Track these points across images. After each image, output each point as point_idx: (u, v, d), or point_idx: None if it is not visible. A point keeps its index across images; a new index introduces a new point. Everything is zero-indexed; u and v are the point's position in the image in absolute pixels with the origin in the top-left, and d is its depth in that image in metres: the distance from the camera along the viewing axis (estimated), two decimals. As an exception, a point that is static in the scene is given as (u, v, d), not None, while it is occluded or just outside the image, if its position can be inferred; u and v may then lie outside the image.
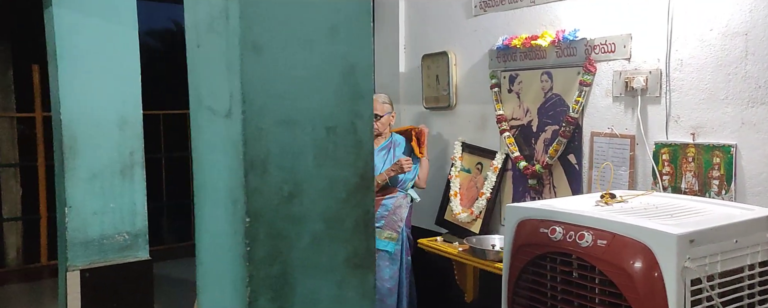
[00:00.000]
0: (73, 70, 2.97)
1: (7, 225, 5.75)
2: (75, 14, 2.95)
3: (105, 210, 3.11)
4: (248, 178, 1.22)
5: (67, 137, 2.99)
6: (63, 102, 2.97)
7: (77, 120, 3.00)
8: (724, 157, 2.33)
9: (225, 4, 1.23)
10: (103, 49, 3.03)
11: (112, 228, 3.13)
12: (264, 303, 1.25)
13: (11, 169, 5.75)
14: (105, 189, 3.10)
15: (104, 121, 3.07)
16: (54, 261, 5.88)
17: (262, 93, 1.22)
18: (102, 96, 3.05)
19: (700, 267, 1.76)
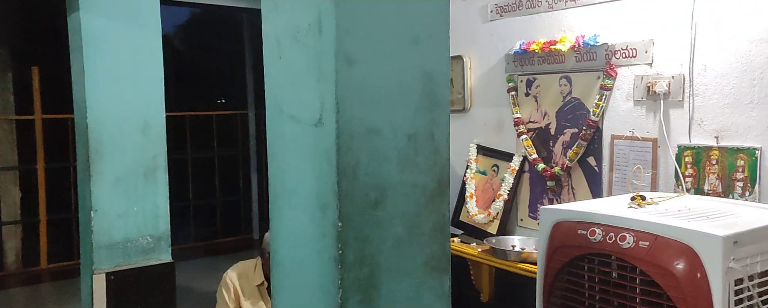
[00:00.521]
0: (99, 74, 2.98)
1: (7, 228, 5.69)
2: (102, 20, 2.96)
3: (129, 213, 3.12)
4: (341, 184, 1.26)
5: (93, 141, 2.99)
6: (89, 106, 2.97)
7: (103, 124, 3.01)
8: (748, 160, 2.43)
9: (317, 18, 1.27)
10: (128, 54, 3.04)
11: (135, 231, 3.14)
12: (353, 305, 1.30)
13: (10, 172, 5.70)
14: (129, 192, 3.11)
15: (129, 125, 3.08)
16: (54, 265, 5.84)
17: (353, 103, 1.27)
18: (127, 100, 3.06)
19: (743, 267, 1.84)
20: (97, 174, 3.02)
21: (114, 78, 3.02)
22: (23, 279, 5.64)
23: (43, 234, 5.80)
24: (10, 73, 5.61)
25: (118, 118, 3.05)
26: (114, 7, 3.00)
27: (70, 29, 3.06)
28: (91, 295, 3.05)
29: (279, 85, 1.44)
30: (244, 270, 3.17)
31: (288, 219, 1.45)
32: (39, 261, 5.81)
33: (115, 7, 3.00)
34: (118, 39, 3.02)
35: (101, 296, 3.06)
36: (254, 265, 3.18)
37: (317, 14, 1.27)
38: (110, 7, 2.99)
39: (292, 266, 1.44)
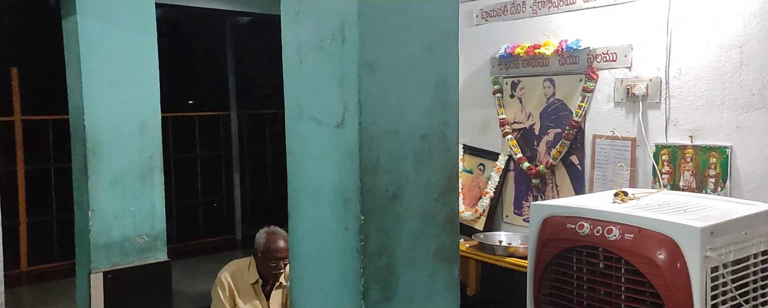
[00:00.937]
0: (96, 77, 3.02)
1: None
2: (98, 23, 3.00)
3: (126, 213, 3.17)
4: (363, 181, 1.37)
5: (91, 143, 3.03)
6: (87, 108, 3.01)
7: (100, 126, 3.05)
8: (720, 158, 2.61)
9: (340, 28, 1.38)
10: (124, 57, 3.09)
11: (132, 231, 3.19)
12: (374, 293, 1.41)
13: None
14: (126, 192, 3.16)
15: (126, 127, 3.13)
16: (34, 267, 5.80)
17: (374, 106, 1.38)
18: (124, 102, 3.11)
19: (719, 256, 2.01)
20: (95, 174, 3.07)
21: (111, 80, 3.06)
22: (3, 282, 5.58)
23: (24, 237, 5.75)
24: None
25: (115, 119, 3.10)
26: (110, 10, 3.04)
27: (66, 32, 3.10)
28: (89, 294, 3.09)
29: (299, 89, 1.54)
30: (238, 269, 3.24)
31: (308, 213, 1.55)
32: (19, 264, 5.76)
33: (112, 10, 3.05)
34: (115, 42, 3.06)
35: (99, 294, 3.10)
36: (248, 264, 3.25)
37: (340, 25, 1.38)
38: (107, 10, 3.03)
39: (313, 257, 1.54)
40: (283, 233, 3.16)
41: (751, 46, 2.49)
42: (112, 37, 3.05)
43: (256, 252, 3.20)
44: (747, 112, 2.52)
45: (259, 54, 7.51)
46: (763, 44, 2.45)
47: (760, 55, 2.46)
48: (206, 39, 6.75)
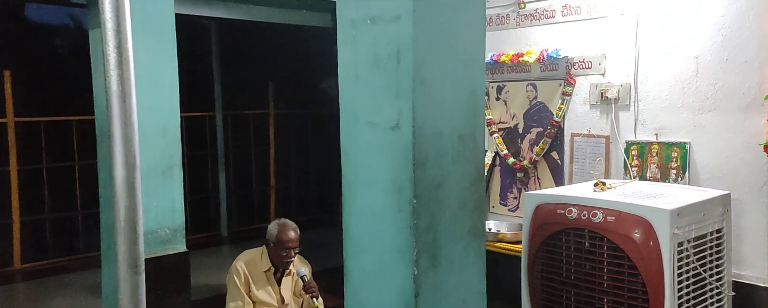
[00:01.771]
0: (123, 81, 3.26)
1: (-20, 230, 5.73)
2: (124, 31, 3.24)
3: (149, 208, 3.43)
4: (416, 173, 1.73)
5: (117, 143, 3.28)
6: (114, 111, 3.25)
7: (126, 127, 3.30)
8: (680, 152, 3.06)
9: (396, 50, 1.72)
10: (147, 64, 3.35)
11: (155, 224, 3.45)
12: (424, 262, 1.76)
13: (-17, 175, 5.73)
14: (149, 189, 3.41)
15: (149, 129, 3.39)
16: (29, 265, 5.92)
17: (424, 112, 1.73)
18: (147, 106, 3.36)
19: (684, 233, 2.44)
20: (122, 173, 3.31)
21: (137, 85, 3.31)
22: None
23: (17, 235, 5.87)
24: (-18, 77, 5.65)
25: (140, 122, 3.33)
26: (135, 22, 3.28)
27: (93, 42, 3.35)
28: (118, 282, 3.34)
29: (355, 98, 1.88)
30: (251, 258, 3.53)
31: (363, 200, 1.89)
32: (13, 262, 5.87)
33: (136, 21, 3.28)
34: (139, 50, 3.29)
35: (127, 283, 3.35)
36: (260, 254, 3.54)
37: (396, 49, 1.72)
38: (132, 21, 3.28)
39: (367, 235, 1.88)
40: (293, 225, 3.46)
41: (705, 57, 2.94)
42: (137, 46, 3.29)
43: (268, 243, 3.48)
44: (702, 113, 2.97)
45: (244, 57, 7.77)
46: (716, 56, 2.91)
47: (713, 65, 2.92)
48: (192, 43, 6.96)
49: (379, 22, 1.78)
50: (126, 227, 1.60)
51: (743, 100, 2.83)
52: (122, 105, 1.55)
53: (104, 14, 1.53)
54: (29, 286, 5.60)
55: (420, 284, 1.77)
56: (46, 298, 5.11)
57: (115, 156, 1.57)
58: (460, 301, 1.87)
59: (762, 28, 2.72)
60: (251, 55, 7.89)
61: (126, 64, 1.51)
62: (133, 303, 1.60)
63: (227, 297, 3.38)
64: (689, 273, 2.50)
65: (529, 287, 2.85)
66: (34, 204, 5.99)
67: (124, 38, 1.51)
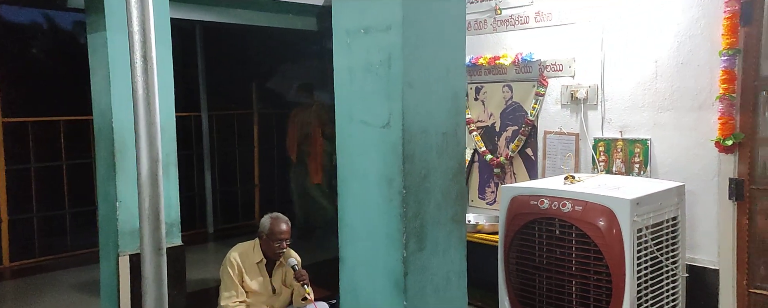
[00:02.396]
0: (121, 85, 3.43)
1: (-32, 229, 5.81)
2: (124, 37, 3.40)
3: (146, 204, 3.60)
4: (405, 166, 1.95)
5: (118, 143, 3.45)
6: (114, 113, 3.42)
7: (125, 127, 3.47)
8: (642, 148, 3.34)
9: (387, 57, 1.95)
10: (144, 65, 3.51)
11: (152, 220, 3.62)
12: (412, 245, 1.99)
13: (-29, 174, 5.82)
14: (146, 186, 3.58)
15: (146, 127, 3.55)
16: (16, 263, 6.02)
17: (412, 112, 1.96)
18: (146, 106, 3.53)
19: (642, 220, 2.71)
20: (121, 171, 3.48)
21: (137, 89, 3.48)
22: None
23: (5, 234, 5.96)
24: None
25: (139, 122, 3.51)
26: (133, 26, 3.46)
27: (92, 46, 3.50)
28: (117, 274, 3.51)
29: (350, 100, 2.10)
30: (245, 250, 3.72)
31: (357, 191, 2.11)
32: (1, 260, 5.97)
33: (134, 25, 3.47)
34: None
35: (126, 274, 3.52)
36: (253, 246, 3.74)
37: (387, 55, 1.95)
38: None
39: (362, 223, 2.10)
40: (285, 218, 3.67)
41: (664, 61, 3.22)
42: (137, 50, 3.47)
43: (261, 235, 3.68)
44: (661, 112, 3.25)
45: (228, 59, 7.92)
46: (672, 60, 3.19)
47: (670, 68, 3.20)
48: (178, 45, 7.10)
49: (371, 32, 2.00)
50: (150, 214, 1.80)
51: (696, 101, 3.11)
52: (147, 107, 1.75)
53: (132, 27, 1.73)
54: (18, 284, 5.71)
55: (408, 265, 2.00)
56: (36, 295, 5.23)
57: (140, 151, 1.77)
58: (444, 280, 2.10)
59: (711, 35, 3.01)
60: (235, 56, 8.05)
61: (151, 72, 1.71)
62: (157, 282, 1.80)
63: (221, 287, 3.57)
64: (647, 257, 2.77)
65: (505, 273, 3.10)
66: (21, 203, 6.09)
67: (149, 48, 1.72)
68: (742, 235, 2.93)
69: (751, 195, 2.93)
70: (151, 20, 1.73)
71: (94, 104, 3.57)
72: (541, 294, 2.95)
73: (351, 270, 2.14)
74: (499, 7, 3.94)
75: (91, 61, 3.54)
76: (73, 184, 6.49)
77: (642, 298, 2.74)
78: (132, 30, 1.73)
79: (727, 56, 2.92)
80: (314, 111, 6.20)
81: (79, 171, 6.54)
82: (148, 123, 1.75)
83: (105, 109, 3.48)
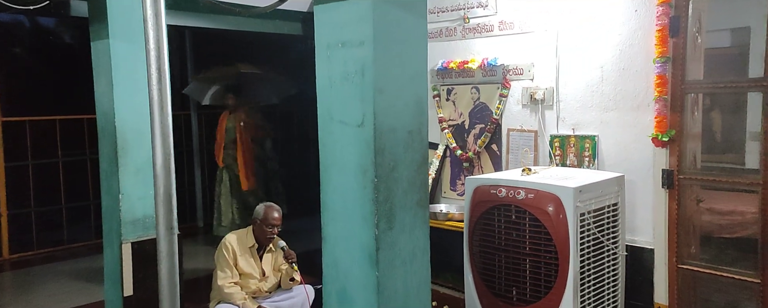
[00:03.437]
0: (123, 88, 3.77)
1: (-30, 223, 6.11)
2: (125, 44, 3.76)
3: (146, 195, 3.95)
4: (376, 159, 2.35)
5: (120, 140, 3.79)
6: (116, 113, 3.77)
7: (126, 127, 3.82)
8: (591, 143, 3.76)
9: (361, 68, 2.34)
10: (143, 71, 3.85)
11: (151, 210, 3.97)
12: (383, 225, 2.39)
13: (-28, 171, 6.11)
14: (146, 180, 3.93)
15: (145, 127, 3.89)
16: (16, 255, 6.33)
17: (382, 114, 2.35)
18: (143, 107, 3.87)
19: (584, 206, 3.13)
20: (123, 166, 3.83)
21: (134, 90, 3.83)
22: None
23: (5, 228, 6.27)
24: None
25: (138, 121, 3.86)
26: (133, 34, 3.81)
27: (95, 52, 3.83)
28: (120, 260, 3.86)
29: (330, 104, 2.48)
30: (239, 236, 4.09)
31: (336, 180, 2.50)
32: (1, 252, 6.27)
33: (134, 33, 3.81)
34: (137, 58, 3.83)
35: (128, 260, 3.88)
36: (247, 232, 4.11)
37: (362, 66, 2.34)
38: (130, 33, 3.79)
39: (341, 206, 2.49)
40: (277, 207, 4.05)
41: (608, 67, 3.65)
42: (136, 54, 3.81)
43: (255, 221, 4.04)
44: (607, 111, 3.68)
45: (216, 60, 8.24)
46: (615, 66, 3.61)
47: (614, 73, 3.62)
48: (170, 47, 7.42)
49: (348, 46, 2.40)
50: (164, 198, 2.19)
51: (635, 102, 3.54)
52: (161, 111, 2.13)
53: (149, 45, 2.10)
54: (19, 275, 6.02)
55: (380, 242, 2.39)
56: (38, 284, 5.55)
57: (155, 147, 2.15)
58: (411, 254, 2.50)
59: (647, 45, 3.43)
60: (224, 57, 8.38)
61: (164, 81, 2.09)
62: (170, 255, 2.19)
63: (217, 269, 3.94)
64: (590, 238, 3.19)
65: (469, 254, 3.51)
66: (20, 197, 6.39)
67: (162, 62, 2.09)
68: (672, 219, 3.37)
69: (679, 184, 3.36)
70: (164, 39, 2.11)
71: (97, 106, 3.91)
72: (500, 271, 3.37)
73: (332, 246, 2.53)
74: (468, 16, 4.35)
75: (95, 66, 3.88)
76: (68, 180, 6.80)
77: (585, 273, 3.16)
78: (149, 47, 2.11)
79: (660, 63, 3.35)
80: (240, 115, 6.20)
81: (74, 168, 6.86)
82: (162, 124, 2.13)
83: (108, 110, 3.82)
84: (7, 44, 6.44)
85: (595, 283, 3.25)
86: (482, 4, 4.24)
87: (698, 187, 3.39)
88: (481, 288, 3.44)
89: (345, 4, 2.37)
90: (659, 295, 3.48)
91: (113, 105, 3.77)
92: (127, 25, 3.76)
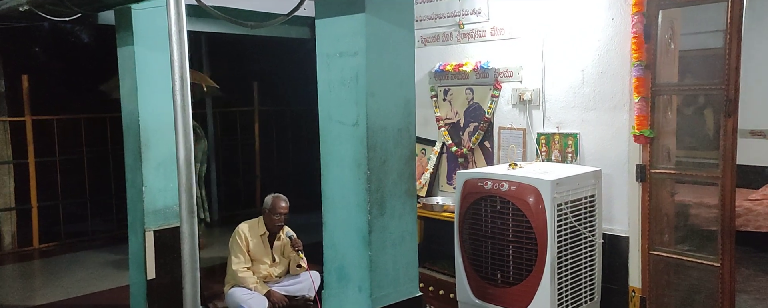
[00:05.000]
0: (146, 90, 4.16)
1: (3, 214, 6.56)
2: (148, 50, 4.15)
3: (167, 188, 4.34)
4: (369, 154, 2.70)
5: (143, 137, 4.18)
6: (140, 113, 4.15)
7: (149, 125, 4.20)
8: (574, 140, 4.08)
9: (355, 74, 2.69)
10: (165, 74, 4.22)
11: (172, 201, 4.36)
12: (375, 212, 2.74)
13: (5, 166, 6.56)
14: (167, 173, 4.32)
15: (166, 125, 4.28)
16: (45, 245, 6.77)
17: (374, 115, 2.70)
18: (165, 107, 4.25)
19: (561, 197, 3.46)
20: (146, 160, 4.22)
21: (156, 91, 4.21)
22: (18, 257, 6.53)
23: (35, 219, 6.71)
24: (3, 81, 6.47)
25: (160, 120, 4.24)
26: (156, 40, 4.18)
27: (121, 57, 4.22)
28: (143, 247, 4.25)
29: (329, 106, 2.83)
30: (251, 224, 4.47)
31: (335, 172, 2.85)
32: (32, 242, 6.72)
33: (157, 40, 4.19)
34: (159, 63, 4.20)
35: (151, 247, 4.27)
36: (257, 222, 4.49)
37: (356, 74, 2.69)
38: (152, 40, 4.18)
39: (339, 196, 2.84)
40: (284, 197, 4.43)
41: (589, 70, 3.96)
42: (157, 59, 4.19)
43: (264, 211, 4.42)
44: (587, 111, 4.00)
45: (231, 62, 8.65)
46: (595, 69, 3.93)
47: (594, 76, 3.94)
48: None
49: (344, 56, 2.75)
50: (186, 187, 2.56)
51: (612, 102, 3.86)
52: (183, 113, 2.50)
53: (173, 55, 2.47)
54: (48, 262, 6.44)
55: (372, 226, 2.74)
56: (66, 271, 5.97)
57: (179, 143, 2.52)
58: (400, 237, 2.85)
59: (622, 50, 3.75)
60: (238, 59, 8.79)
61: (186, 87, 2.46)
62: (191, 236, 2.57)
63: (231, 255, 4.33)
64: (567, 227, 3.52)
65: (459, 241, 3.85)
66: (49, 191, 6.83)
67: (184, 71, 2.46)
68: (644, 209, 3.68)
69: (651, 178, 3.68)
70: (185, 52, 2.47)
71: (123, 105, 4.30)
72: (487, 257, 3.71)
73: (331, 230, 2.89)
74: (463, 23, 4.68)
75: (121, 71, 4.27)
76: (92, 175, 7.23)
77: (562, 259, 3.49)
78: (173, 58, 2.48)
79: (639, 66, 3.66)
80: None
81: (97, 164, 7.29)
82: (184, 124, 2.50)
83: (132, 110, 4.21)
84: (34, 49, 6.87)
85: (573, 267, 3.58)
86: (476, 11, 4.57)
87: (669, 180, 3.70)
88: (470, 272, 3.78)
89: (342, 19, 2.72)
90: (633, 279, 3.80)
91: (137, 105, 4.16)
92: (150, 33, 4.15)
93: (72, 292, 5.34)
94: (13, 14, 3.86)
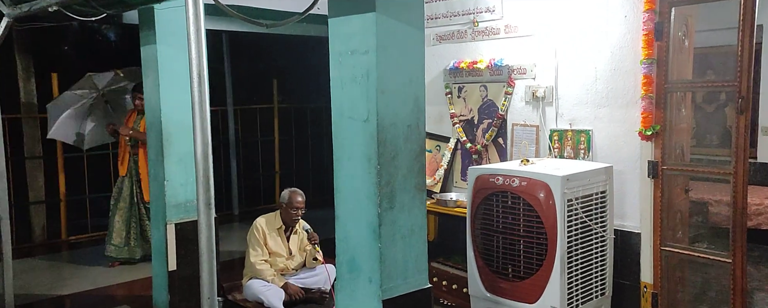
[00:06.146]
0: (168, 87, 4.30)
1: (33, 207, 6.80)
2: (170, 49, 4.28)
3: (188, 182, 4.48)
4: (379, 149, 2.77)
5: (165, 133, 4.32)
6: (163, 109, 4.29)
7: (171, 121, 4.34)
8: (586, 137, 4.11)
9: (366, 71, 2.77)
10: (186, 72, 4.36)
11: (192, 195, 4.50)
12: (385, 205, 2.82)
13: (36, 161, 6.79)
14: (188, 168, 4.46)
15: (187, 121, 4.39)
16: (74, 237, 6.99)
17: (384, 111, 2.78)
18: (186, 103, 4.37)
19: (572, 193, 3.50)
20: (168, 156, 4.36)
21: (177, 88, 4.34)
22: (47, 249, 6.76)
23: (63, 212, 6.93)
24: (34, 79, 6.70)
25: (181, 117, 4.38)
26: (177, 39, 4.31)
27: (145, 55, 4.37)
28: (165, 238, 4.40)
29: (341, 102, 2.92)
30: (268, 218, 4.58)
31: (347, 167, 2.93)
32: (60, 234, 6.95)
33: (178, 38, 4.32)
34: (181, 61, 4.33)
35: (172, 238, 4.41)
36: (275, 216, 4.60)
37: (366, 71, 2.77)
38: (175, 39, 4.31)
39: (350, 190, 2.93)
40: (300, 191, 4.53)
41: (602, 67, 3.99)
42: (179, 57, 4.32)
43: (281, 205, 4.53)
44: (600, 108, 4.02)
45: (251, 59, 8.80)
46: (608, 66, 3.95)
47: (606, 73, 3.96)
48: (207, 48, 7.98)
49: (356, 54, 2.83)
50: (203, 181, 2.66)
51: (625, 99, 3.88)
52: (201, 109, 2.60)
53: (191, 54, 2.58)
54: (75, 254, 6.66)
55: (382, 219, 2.82)
56: (92, 262, 6.17)
57: (196, 138, 2.63)
58: (409, 230, 2.93)
59: (635, 47, 3.76)
60: (258, 57, 8.93)
61: (203, 85, 2.57)
62: (208, 227, 2.68)
63: (249, 248, 4.45)
64: (578, 222, 3.56)
65: (471, 236, 3.91)
66: (77, 186, 7.05)
67: (202, 69, 2.57)
68: (656, 206, 3.70)
69: (663, 174, 3.69)
70: (204, 51, 2.58)
71: (145, 102, 4.45)
72: (498, 251, 3.76)
73: (343, 223, 2.98)
74: (477, 21, 4.72)
75: (144, 68, 4.41)
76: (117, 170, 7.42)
77: (572, 253, 3.53)
78: (191, 56, 2.59)
79: (647, 64, 3.68)
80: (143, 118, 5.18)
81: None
82: (201, 120, 2.61)
83: (155, 107, 4.35)
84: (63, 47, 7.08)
85: (583, 262, 3.62)
86: (490, 9, 4.62)
87: (681, 177, 3.71)
88: (482, 266, 3.84)
89: (353, 17, 2.80)
90: (645, 275, 3.82)
91: (159, 102, 4.30)
92: (171, 32, 4.28)
93: (98, 282, 5.54)
94: (43, 14, 4.02)
